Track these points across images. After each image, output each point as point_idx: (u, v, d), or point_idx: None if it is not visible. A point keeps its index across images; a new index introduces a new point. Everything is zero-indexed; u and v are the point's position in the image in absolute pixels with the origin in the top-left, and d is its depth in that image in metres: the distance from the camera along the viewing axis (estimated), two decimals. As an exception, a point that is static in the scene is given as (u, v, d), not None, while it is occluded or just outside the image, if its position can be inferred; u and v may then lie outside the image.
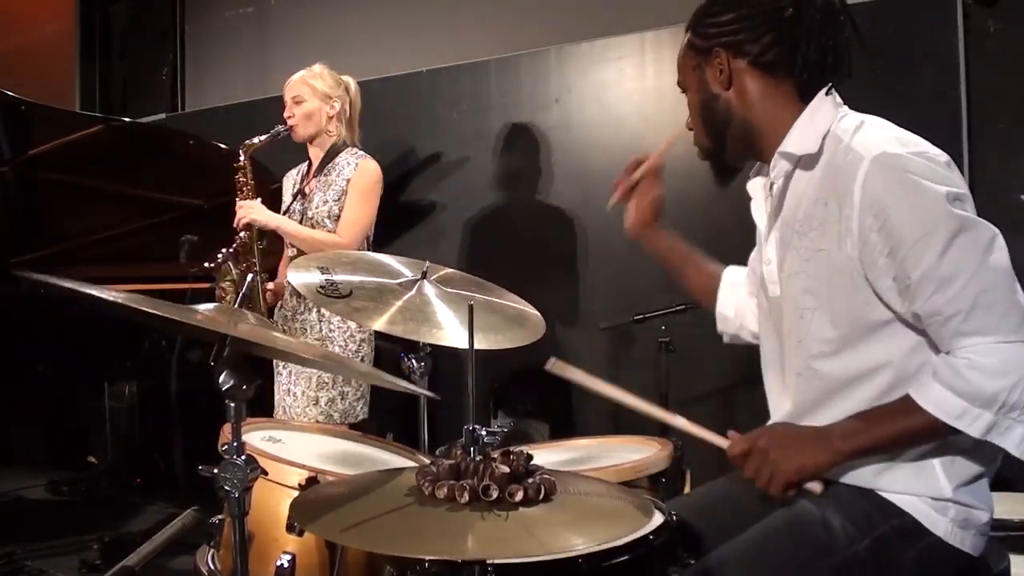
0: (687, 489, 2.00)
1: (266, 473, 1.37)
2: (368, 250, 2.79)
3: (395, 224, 3.90)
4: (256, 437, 1.79)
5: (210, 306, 1.39)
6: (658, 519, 1.28)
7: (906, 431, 1.29)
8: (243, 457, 1.28)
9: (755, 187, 1.55)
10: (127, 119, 4.34)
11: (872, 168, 1.28)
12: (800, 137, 1.39)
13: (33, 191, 3.59)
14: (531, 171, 3.68)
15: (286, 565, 1.48)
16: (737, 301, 1.74)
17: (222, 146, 3.62)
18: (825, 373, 1.39)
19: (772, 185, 1.47)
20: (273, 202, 2.96)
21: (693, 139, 1.53)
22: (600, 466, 1.79)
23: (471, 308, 1.20)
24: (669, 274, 1.81)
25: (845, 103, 1.45)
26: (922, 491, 1.33)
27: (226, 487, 1.28)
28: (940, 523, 1.32)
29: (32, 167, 3.50)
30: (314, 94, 2.84)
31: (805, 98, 1.41)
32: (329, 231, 2.75)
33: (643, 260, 3.41)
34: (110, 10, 5.57)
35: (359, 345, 2.76)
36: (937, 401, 1.25)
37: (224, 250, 2.81)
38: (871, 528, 1.31)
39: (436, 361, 2.13)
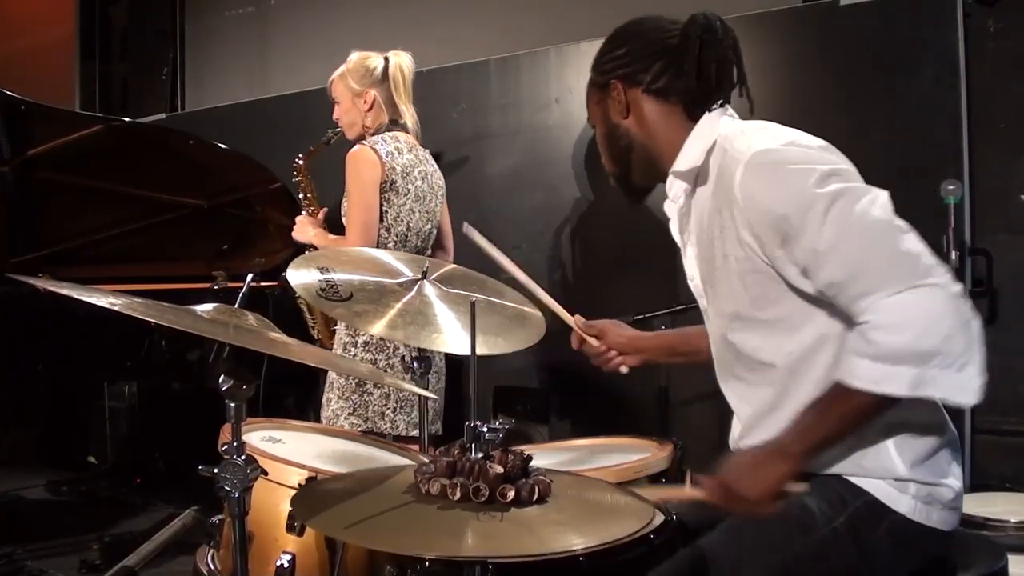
0: (687, 489, 2.00)
1: (266, 473, 1.37)
2: (391, 244, 2.64)
3: (395, 224, 3.91)
4: (256, 437, 1.79)
5: (208, 307, 1.39)
6: (658, 519, 1.28)
7: (849, 413, 1.28)
8: (243, 457, 1.29)
9: (671, 209, 1.63)
10: (127, 119, 4.34)
11: (746, 169, 1.35)
12: (686, 156, 1.49)
13: (33, 191, 3.59)
14: (531, 171, 3.68)
15: (286, 565, 1.48)
16: None
17: (222, 146, 3.63)
18: (767, 368, 1.43)
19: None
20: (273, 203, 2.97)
21: (606, 168, 1.64)
22: (600, 466, 1.78)
23: (473, 305, 1.20)
24: (683, 363, 1.88)
25: (847, 103, 1.48)
26: (881, 473, 1.35)
27: (226, 487, 1.28)
28: (902, 501, 1.34)
29: (32, 167, 3.50)
30: (346, 92, 2.76)
31: (694, 118, 1.50)
32: None
33: (643, 260, 3.43)
34: (110, 10, 5.56)
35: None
36: (856, 373, 1.24)
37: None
38: (844, 507, 1.35)
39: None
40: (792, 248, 1.31)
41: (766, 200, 1.32)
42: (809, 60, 2.99)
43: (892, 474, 1.34)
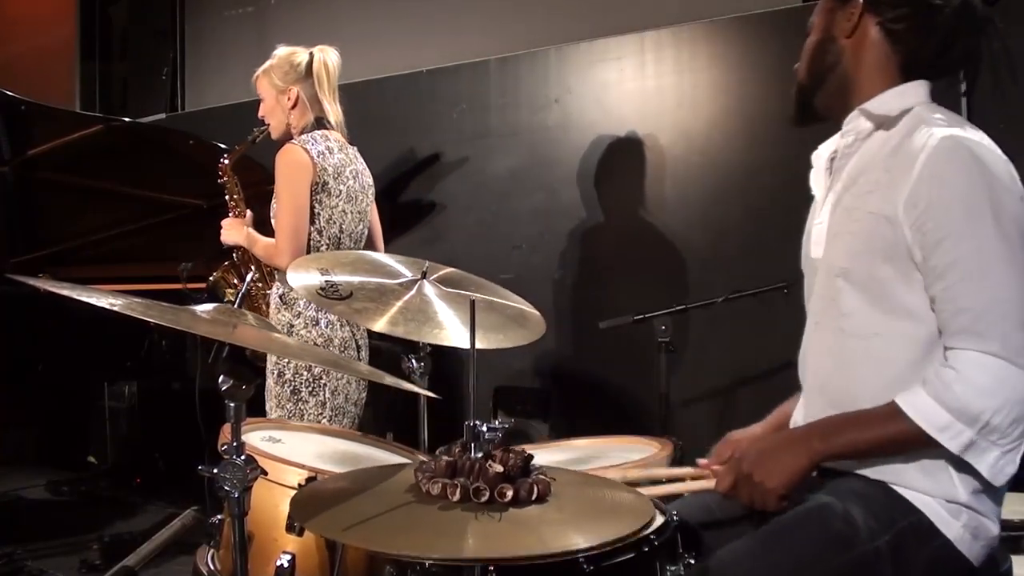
0: (687, 489, 2.00)
1: (266, 473, 1.37)
2: (324, 246, 2.58)
3: (395, 224, 3.90)
4: (256, 437, 1.79)
5: (209, 307, 1.39)
6: (658, 519, 1.27)
7: (887, 437, 1.29)
8: (243, 457, 1.29)
9: (820, 155, 1.58)
10: (127, 119, 4.34)
11: (940, 144, 1.30)
12: (884, 101, 1.44)
13: (33, 191, 3.59)
14: (531, 171, 3.68)
15: (286, 565, 1.48)
16: None
17: (222, 146, 3.62)
18: (852, 336, 1.40)
19: (837, 150, 1.51)
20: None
21: (796, 75, 1.57)
22: (600, 466, 1.78)
23: (473, 304, 1.20)
24: None
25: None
26: (937, 493, 1.33)
27: (226, 487, 1.28)
28: (953, 526, 1.32)
29: (32, 167, 3.50)
30: (270, 89, 2.67)
31: (905, 77, 1.46)
32: None
33: (643, 260, 3.43)
34: (110, 10, 5.57)
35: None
36: (922, 410, 1.25)
37: (216, 272, 2.84)
38: (892, 524, 1.32)
39: (436, 361, 2.13)
40: (935, 242, 1.28)
41: (944, 185, 1.29)
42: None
43: (949, 496, 1.32)
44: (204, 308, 1.38)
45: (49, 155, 3.48)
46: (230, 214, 2.86)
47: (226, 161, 2.89)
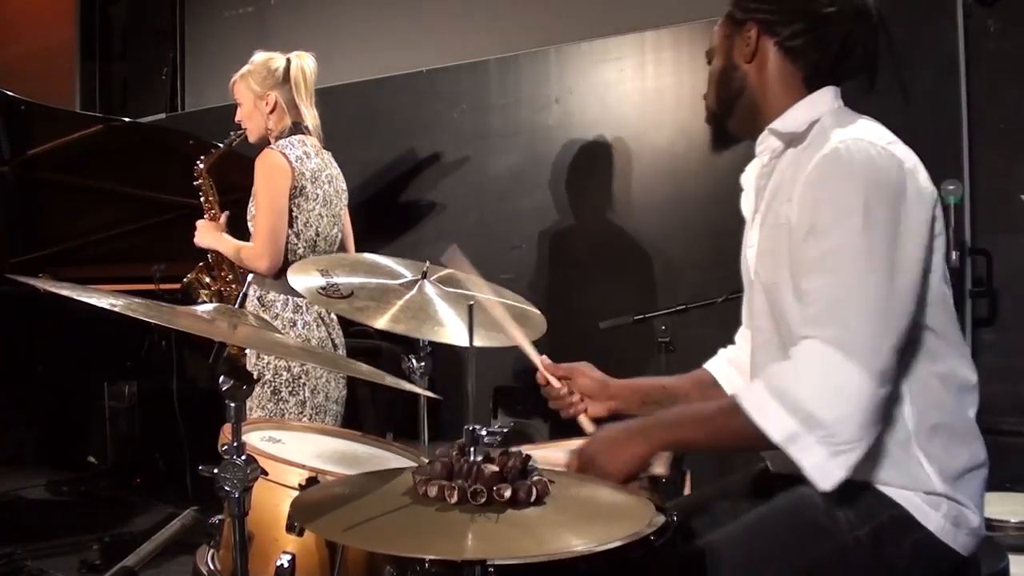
0: (687, 490, 1.99)
1: (266, 473, 1.37)
2: (301, 250, 2.60)
3: (395, 224, 3.91)
4: (256, 437, 1.79)
5: (209, 307, 1.39)
6: (658, 519, 1.27)
7: (726, 429, 1.31)
8: (243, 457, 1.28)
9: (748, 178, 1.59)
10: (127, 119, 4.34)
11: (828, 150, 1.32)
12: (792, 117, 1.45)
13: (33, 191, 3.59)
14: (531, 171, 3.68)
15: (286, 565, 1.47)
16: (737, 375, 1.72)
17: (222, 146, 3.62)
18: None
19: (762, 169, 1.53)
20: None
21: (705, 102, 1.59)
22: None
23: (471, 308, 1.20)
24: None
25: (847, 103, 1.48)
26: (915, 487, 1.33)
27: (226, 487, 1.28)
28: (933, 518, 1.32)
29: (32, 167, 3.50)
30: (248, 94, 2.71)
31: (811, 88, 1.46)
32: None
33: (643, 260, 3.43)
34: (110, 10, 5.57)
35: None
36: (750, 395, 1.27)
37: (190, 274, 2.89)
38: (871, 517, 1.32)
39: (436, 361, 2.13)
40: (805, 239, 1.30)
41: (821, 187, 1.30)
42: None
43: (924, 487, 1.32)
44: (204, 308, 1.39)
45: (49, 155, 3.48)
46: (204, 216, 2.86)
47: (202, 164, 2.91)
